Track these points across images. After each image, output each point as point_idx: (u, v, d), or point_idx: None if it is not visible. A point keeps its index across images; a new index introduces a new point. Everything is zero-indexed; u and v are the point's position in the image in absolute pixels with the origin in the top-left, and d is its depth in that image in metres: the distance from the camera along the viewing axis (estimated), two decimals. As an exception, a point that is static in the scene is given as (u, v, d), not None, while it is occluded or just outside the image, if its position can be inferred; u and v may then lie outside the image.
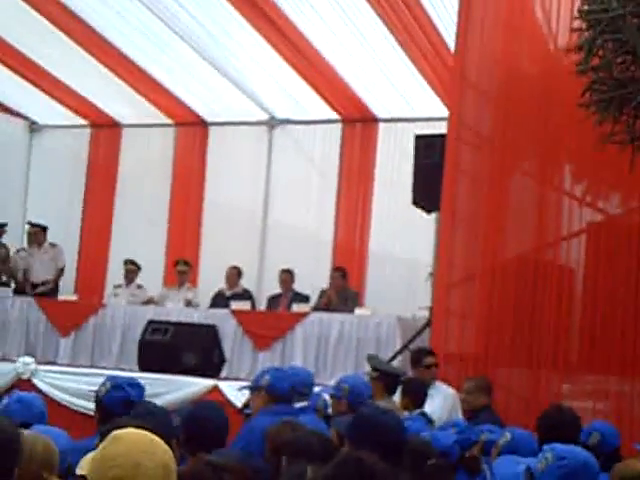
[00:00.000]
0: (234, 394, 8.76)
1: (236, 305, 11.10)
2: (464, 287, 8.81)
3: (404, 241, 12.36)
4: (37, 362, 10.38)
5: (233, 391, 8.85)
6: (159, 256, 13.64)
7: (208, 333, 10.24)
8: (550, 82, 8.48)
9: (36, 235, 13.06)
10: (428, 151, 9.41)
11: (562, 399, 7.77)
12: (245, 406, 6.60)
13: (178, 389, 9.40)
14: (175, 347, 9.99)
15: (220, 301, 11.88)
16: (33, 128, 14.97)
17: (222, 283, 12.37)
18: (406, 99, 12.31)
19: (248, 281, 12.59)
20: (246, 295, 12.06)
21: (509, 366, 8.46)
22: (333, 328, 10.13)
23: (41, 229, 13.06)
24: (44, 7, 11.52)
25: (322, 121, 13.25)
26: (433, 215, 9.66)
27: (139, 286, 12.62)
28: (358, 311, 10.61)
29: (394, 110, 12.70)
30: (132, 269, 12.68)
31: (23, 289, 12.68)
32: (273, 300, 12.04)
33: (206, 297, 12.29)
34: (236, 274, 12.39)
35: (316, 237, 13.03)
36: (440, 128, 9.56)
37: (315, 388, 6.63)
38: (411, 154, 9.74)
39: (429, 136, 9.68)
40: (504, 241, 8.82)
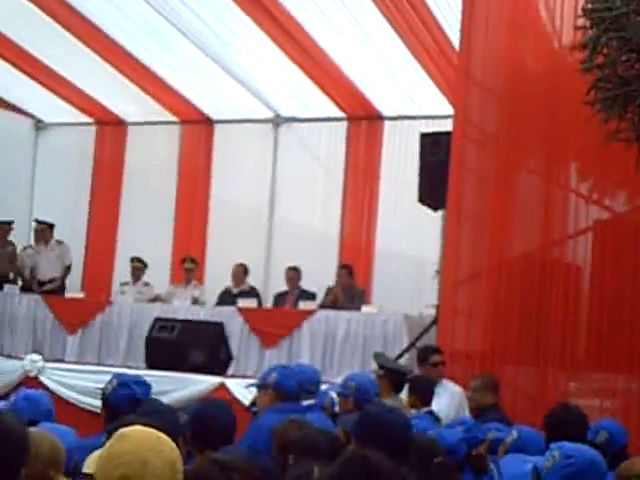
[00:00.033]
0: (241, 392, 8.76)
1: (243, 303, 11.10)
2: (471, 285, 8.81)
3: (410, 239, 12.36)
4: (44, 360, 10.41)
5: (240, 389, 8.86)
6: (166, 253, 13.64)
7: (215, 331, 10.25)
8: (555, 80, 8.47)
9: (43, 232, 13.07)
10: (434, 149, 9.40)
11: (569, 397, 7.76)
12: (252, 404, 6.60)
13: (185, 387, 9.41)
14: (182, 345, 10.00)
15: (227, 299, 11.88)
16: (39, 126, 14.98)
17: (229, 281, 12.38)
18: (411, 97, 12.30)
19: (255, 279, 12.59)
20: (253, 293, 12.07)
21: (516, 364, 8.46)
22: (340, 326, 10.13)
23: (48, 226, 13.06)
24: (49, 6, 11.52)
25: (327, 119, 13.24)
26: (439, 213, 9.65)
27: (146, 283, 12.63)
28: (365, 309, 10.61)
29: (399, 108, 12.69)
30: (139, 266, 12.69)
31: (30, 287, 12.68)
32: (280, 298, 12.04)
33: (213, 295, 12.29)
34: (242, 272, 12.40)
35: (322, 234, 13.03)
36: (445, 126, 9.56)
37: (322, 386, 6.63)
38: (417, 152, 9.73)
39: (435, 134, 9.68)
40: (510, 239, 8.82)
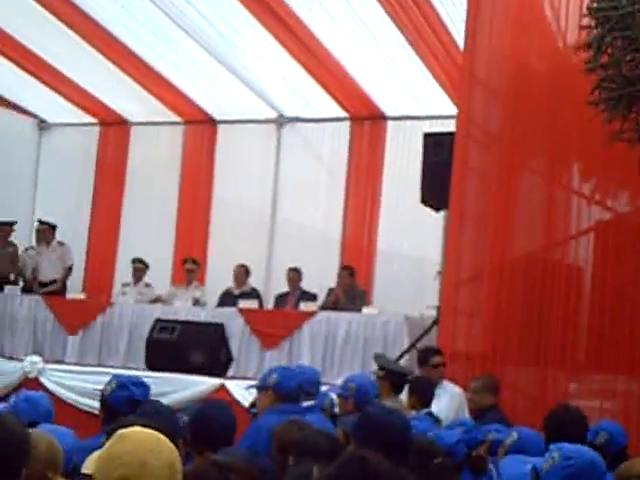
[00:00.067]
0: (241, 393, 8.76)
1: (244, 304, 11.09)
2: (472, 286, 8.79)
3: (412, 239, 12.35)
4: (45, 361, 10.39)
5: (240, 390, 8.85)
6: (167, 254, 13.64)
7: (215, 332, 10.24)
8: (559, 80, 8.46)
9: (44, 233, 13.06)
10: (437, 149, 9.39)
11: (569, 398, 7.75)
12: (252, 405, 6.59)
13: (185, 388, 9.39)
14: (182, 346, 9.98)
15: (228, 300, 11.87)
16: (42, 126, 14.99)
17: (230, 282, 12.37)
18: (415, 97, 12.30)
19: (256, 279, 12.59)
20: (254, 294, 12.06)
21: (516, 365, 8.44)
22: (340, 327, 10.11)
23: (50, 227, 13.06)
24: (52, 4, 11.52)
25: (331, 119, 13.24)
26: (441, 213, 9.64)
27: (147, 284, 12.62)
28: (365, 310, 10.59)
29: (403, 108, 12.69)
30: (140, 267, 12.68)
31: (31, 288, 12.69)
32: (281, 299, 12.03)
33: (214, 296, 12.28)
34: (244, 272, 12.39)
35: (324, 235, 13.02)
36: (449, 126, 9.55)
37: (322, 387, 6.62)
38: (420, 152, 9.73)
39: (438, 134, 9.68)
40: (512, 239, 8.80)
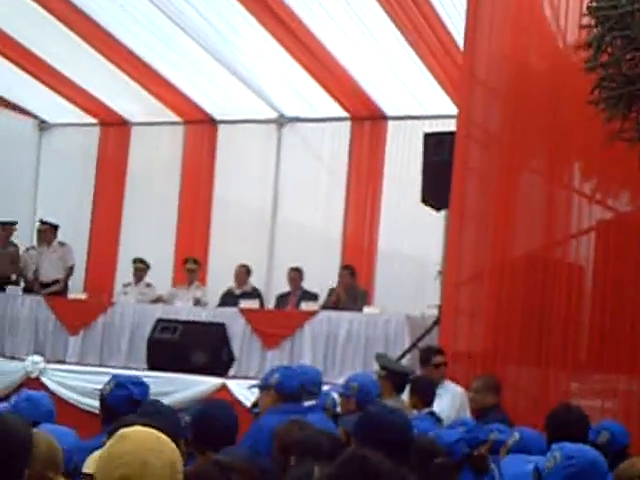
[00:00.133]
0: (243, 393, 8.76)
1: (245, 304, 11.10)
2: (473, 285, 8.79)
3: (413, 239, 12.35)
4: (46, 361, 10.39)
5: (242, 390, 8.85)
6: (168, 254, 13.64)
7: (217, 332, 10.24)
8: (559, 79, 8.46)
9: (45, 233, 13.05)
10: (437, 149, 9.40)
11: (571, 398, 7.74)
12: (254, 405, 6.59)
13: (187, 388, 9.40)
14: (184, 346, 9.98)
15: (229, 300, 11.87)
16: (42, 127, 14.99)
17: (231, 281, 12.37)
18: (415, 97, 12.29)
19: (257, 279, 12.59)
20: (255, 293, 12.06)
21: (518, 364, 8.44)
22: (342, 327, 10.12)
23: (51, 227, 13.04)
24: (52, 4, 11.52)
25: (331, 119, 13.24)
26: (442, 213, 9.64)
27: (148, 284, 12.62)
28: (367, 309, 10.60)
29: (403, 108, 12.68)
30: (141, 267, 12.68)
31: (33, 288, 12.69)
32: (282, 298, 12.03)
33: (215, 296, 12.28)
34: (245, 272, 12.39)
35: (325, 235, 13.02)
36: (449, 126, 9.55)
37: (324, 387, 6.62)
38: (420, 152, 9.73)
39: (438, 134, 9.68)
40: (513, 239, 8.80)
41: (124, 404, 4.80)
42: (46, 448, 3.53)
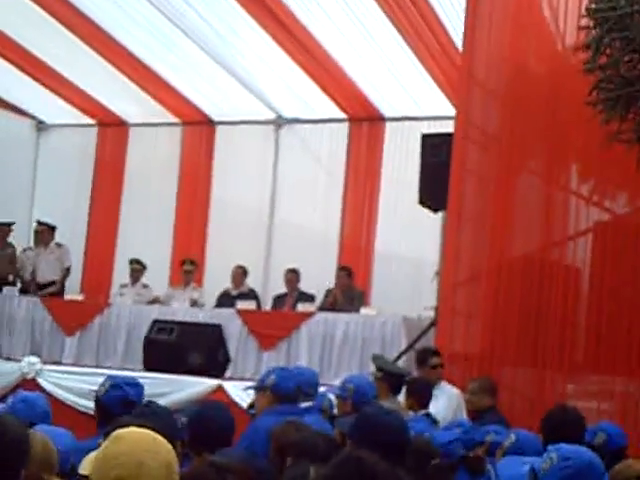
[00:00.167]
0: (239, 394, 8.75)
1: (241, 305, 11.09)
2: (470, 286, 8.79)
3: (410, 240, 12.34)
4: (42, 362, 10.38)
5: (238, 391, 8.84)
6: (165, 255, 13.63)
7: (213, 333, 10.23)
8: (557, 81, 8.46)
9: (42, 234, 13.02)
10: (435, 150, 9.39)
11: (567, 399, 7.74)
12: (250, 406, 6.58)
13: (183, 389, 9.39)
14: (180, 347, 9.98)
15: (226, 301, 11.87)
16: (40, 127, 14.97)
17: (228, 282, 12.36)
18: (413, 98, 12.29)
19: (254, 280, 12.58)
20: (251, 295, 12.05)
21: (514, 366, 8.44)
22: (338, 328, 10.11)
23: (48, 228, 13.02)
24: (50, 5, 11.51)
25: (329, 120, 13.23)
26: (439, 214, 9.64)
27: (145, 285, 12.61)
28: (363, 311, 10.60)
29: (401, 109, 12.68)
30: (138, 268, 12.67)
31: (29, 289, 12.67)
32: (278, 300, 12.03)
33: (211, 297, 12.28)
34: (242, 273, 12.38)
35: (322, 236, 13.01)
36: (447, 127, 9.55)
37: (320, 388, 6.61)
38: (418, 153, 9.72)
39: (436, 135, 9.68)
40: (510, 240, 8.80)
41: (119, 405, 4.80)
42: (41, 449, 3.53)
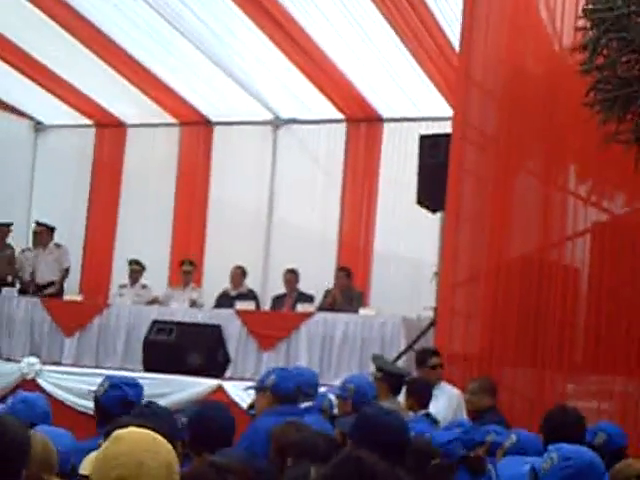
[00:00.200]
0: (239, 394, 8.75)
1: (241, 305, 11.09)
2: (469, 287, 8.80)
3: (409, 241, 12.35)
4: (42, 362, 10.38)
5: (237, 391, 8.85)
6: (164, 256, 13.63)
7: (213, 333, 10.23)
8: (555, 81, 8.46)
9: (41, 235, 13.00)
10: (433, 151, 9.40)
11: (567, 399, 7.74)
12: (250, 406, 6.59)
13: (182, 389, 9.39)
14: (179, 347, 9.98)
15: (225, 301, 11.87)
16: (38, 128, 14.97)
17: (227, 283, 12.37)
18: (411, 99, 12.29)
19: (253, 281, 12.58)
20: (250, 295, 12.05)
21: (514, 366, 8.44)
22: (338, 328, 10.12)
23: (47, 229, 13.00)
24: (49, 7, 11.50)
25: (327, 121, 13.24)
26: (438, 215, 9.65)
27: (144, 286, 12.61)
28: (362, 311, 10.60)
29: (399, 110, 12.68)
30: (136, 269, 12.68)
31: (28, 289, 12.67)
32: (278, 300, 12.03)
33: (211, 297, 12.28)
34: (241, 274, 12.39)
35: (321, 237, 13.01)
36: (445, 128, 9.56)
37: (320, 388, 6.62)
38: (416, 154, 9.72)
39: (434, 136, 9.68)
40: (509, 241, 8.81)
41: (118, 405, 4.80)
42: (41, 449, 3.53)
